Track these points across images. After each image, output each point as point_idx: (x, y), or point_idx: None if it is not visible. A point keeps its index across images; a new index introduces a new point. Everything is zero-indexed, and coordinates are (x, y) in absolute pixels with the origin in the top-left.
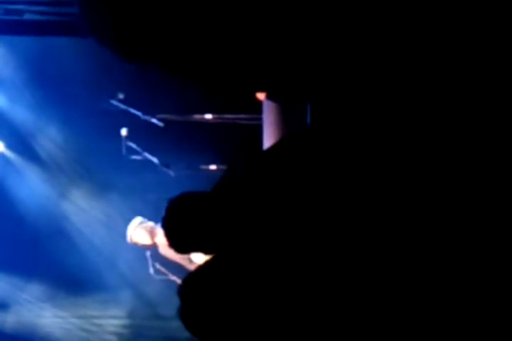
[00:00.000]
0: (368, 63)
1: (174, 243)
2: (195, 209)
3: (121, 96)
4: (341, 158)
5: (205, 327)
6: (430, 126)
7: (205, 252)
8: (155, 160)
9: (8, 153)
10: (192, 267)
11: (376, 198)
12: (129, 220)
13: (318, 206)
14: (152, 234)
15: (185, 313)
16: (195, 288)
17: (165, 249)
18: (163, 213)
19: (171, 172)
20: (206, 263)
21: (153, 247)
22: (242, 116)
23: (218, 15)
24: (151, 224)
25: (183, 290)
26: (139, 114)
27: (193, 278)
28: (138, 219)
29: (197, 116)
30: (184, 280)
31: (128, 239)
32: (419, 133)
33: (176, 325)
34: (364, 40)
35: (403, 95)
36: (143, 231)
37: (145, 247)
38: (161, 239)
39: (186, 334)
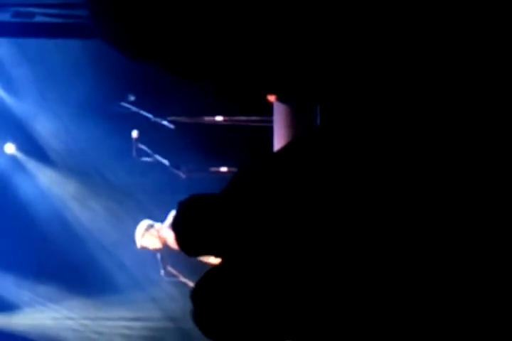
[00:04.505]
0: (374, 65)
1: (184, 246)
2: (205, 211)
3: (132, 98)
4: (352, 160)
5: (219, 329)
6: (438, 125)
7: (216, 255)
8: (166, 162)
9: (19, 155)
10: (206, 260)
11: (390, 201)
12: (140, 222)
13: (329, 208)
14: (161, 237)
15: (198, 316)
16: (208, 291)
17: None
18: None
19: (182, 174)
20: (218, 265)
21: (165, 249)
22: (253, 118)
23: (225, 17)
24: (158, 226)
25: (195, 293)
26: (149, 116)
27: (205, 281)
28: (145, 223)
29: (207, 119)
30: (197, 283)
31: (138, 245)
32: (425, 134)
33: (187, 327)
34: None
35: (414, 96)
36: (151, 237)
37: (155, 251)
38: (170, 237)
39: (197, 335)
